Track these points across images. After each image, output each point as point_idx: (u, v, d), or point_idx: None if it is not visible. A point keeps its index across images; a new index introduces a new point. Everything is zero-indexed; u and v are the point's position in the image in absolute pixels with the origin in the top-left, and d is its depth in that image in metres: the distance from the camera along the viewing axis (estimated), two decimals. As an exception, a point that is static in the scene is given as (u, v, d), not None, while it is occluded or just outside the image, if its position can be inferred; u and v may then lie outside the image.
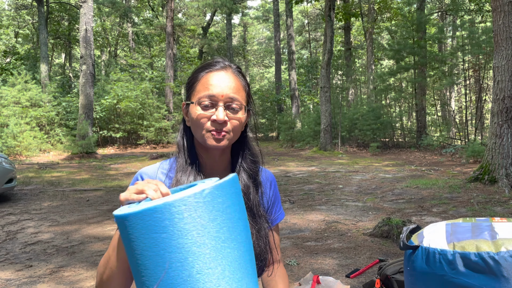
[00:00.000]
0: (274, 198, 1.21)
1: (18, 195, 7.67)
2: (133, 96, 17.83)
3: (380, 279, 2.20)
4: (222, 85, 1.02)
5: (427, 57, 18.09)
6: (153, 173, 1.08)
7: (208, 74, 1.05)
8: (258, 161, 1.16)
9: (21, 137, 14.47)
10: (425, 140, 16.50)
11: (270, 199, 1.19)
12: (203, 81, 1.04)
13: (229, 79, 1.04)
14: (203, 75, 1.05)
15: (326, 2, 15.77)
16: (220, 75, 1.04)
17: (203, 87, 1.03)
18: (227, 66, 1.07)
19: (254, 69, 42.81)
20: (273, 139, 24.06)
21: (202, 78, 1.05)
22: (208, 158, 1.10)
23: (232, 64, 1.09)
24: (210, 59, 1.10)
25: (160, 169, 1.10)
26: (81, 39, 14.54)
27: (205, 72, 1.05)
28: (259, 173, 1.16)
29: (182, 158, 1.08)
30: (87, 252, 4.41)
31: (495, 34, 7.70)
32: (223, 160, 1.12)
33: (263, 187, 1.17)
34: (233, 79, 1.05)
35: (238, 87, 1.05)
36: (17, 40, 28.32)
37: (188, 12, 24.74)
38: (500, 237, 0.98)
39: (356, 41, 29.13)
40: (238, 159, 1.13)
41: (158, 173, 1.09)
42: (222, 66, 1.06)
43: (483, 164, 7.97)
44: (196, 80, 1.06)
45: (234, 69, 1.08)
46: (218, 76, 1.04)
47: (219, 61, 1.08)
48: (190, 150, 1.10)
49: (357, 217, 5.78)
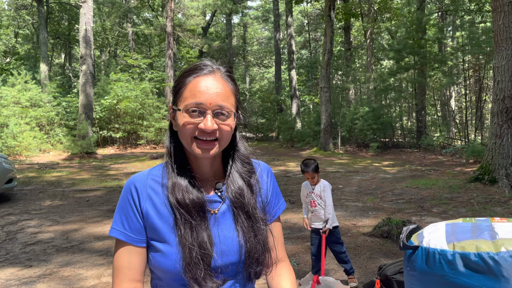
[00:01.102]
0: (272, 188, 1.17)
1: (18, 195, 7.67)
2: (133, 96, 17.83)
3: (380, 279, 2.19)
4: (210, 91, 0.98)
5: (427, 57, 18.09)
6: (143, 181, 1.05)
7: (195, 80, 1.00)
8: (249, 162, 1.13)
9: (21, 137, 14.47)
10: (425, 140, 16.50)
11: (268, 191, 1.15)
12: (191, 87, 0.99)
13: (218, 85, 1.00)
14: (190, 80, 1.00)
15: (326, 2, 15.77)
16: (208, 80, 0.99)
17: (190, 93, 0.99)
18: (215, 70, 1.02)
19: (254, 69, 42.81)
20: (273, 139, 24.06)
21: (189, 83, 1.00)
22: (198, 162, 1.07)
23: (221, 67, 1.04)
24: (198, 62, 1.05)
25: (150, 177, 1.06)
26: (81, 39, 14.54)
27: (193, 77, 1.00)
28: (252, 174, 1.12)
29: (174, 164, 1.06)
30: (87, 252, 4.41)
31: (495, 34, 7.70)
32: (214, 164, 1.09)
33: (260, 183, 1.13)
34: (222, 84, 1.01)
35: (227, 93, 1.01)
36: (17, 40, 28.32)
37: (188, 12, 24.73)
38: (500, 237, 0.97)
39: (356, 41, 29.14)
40: (229, 162, 1.10)
41: (148, 180, 1.05)
42: (210, 70, 1.01)
43: (483, 164, 7.97)
44: (183, 85, 1.01)
45: (223, 73, 1.03)
46: (206, 82, 0.99)
47: (207, 64, 1.03)
48: (179, 155, 1.07)
49: (357, 217, 5.78)
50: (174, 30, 21.18)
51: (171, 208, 1.02)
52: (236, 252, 1.03)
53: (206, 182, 1.08)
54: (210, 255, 0.99)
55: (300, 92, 25.53)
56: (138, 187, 1.04)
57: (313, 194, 3.48)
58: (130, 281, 1.01)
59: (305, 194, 3.54)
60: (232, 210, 1.06)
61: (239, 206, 1.06)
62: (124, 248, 1.02)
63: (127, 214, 1.03)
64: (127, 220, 1.03)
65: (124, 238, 1.02)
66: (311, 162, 3.45)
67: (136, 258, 1.02)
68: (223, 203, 1.06)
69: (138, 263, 1.03)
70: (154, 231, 1.01)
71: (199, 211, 1.02)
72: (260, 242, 1.06)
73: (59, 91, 19.12)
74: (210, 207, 1.05)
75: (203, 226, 1.01)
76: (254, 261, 1.05)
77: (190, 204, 1.00)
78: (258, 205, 1.10)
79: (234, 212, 1.06)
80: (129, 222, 1.03)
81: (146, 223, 1.02)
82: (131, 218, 1.03)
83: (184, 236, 0.98)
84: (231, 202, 1.06)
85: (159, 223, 1.01)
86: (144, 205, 1.03)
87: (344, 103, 21.43)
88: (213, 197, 1.06)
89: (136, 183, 1.05)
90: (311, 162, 3.45)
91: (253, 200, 1.08)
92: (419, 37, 17.69)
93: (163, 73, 21.77)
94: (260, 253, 1.06)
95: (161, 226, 1.01)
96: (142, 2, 27.04)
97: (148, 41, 30.20)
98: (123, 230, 1.02)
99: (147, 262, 1.06)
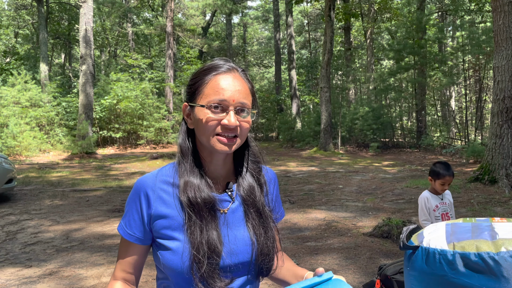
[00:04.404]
0: (276, 197, 1.22)
1: (18, 195, 7.67)
2: (133, 96, 17.82)
3: (380, 279, 2.19)
4: (232, 89, 1.02)
5: (427, 57, 18.09)
6: (152, 183, 1.07)
7: (216, 77, 1.03)
8: (259, 161, 1.16)
9: (21, 137, 14.46)
10: (425, 140, 16.50)
11: (273, 198, 1.20)
12: (212, 85, 1.02)
13: (239, 83, 1.04)
14: (210, 78, 1.03)
15: (326, 2, 15.77)
16: (229, 78, 1.03)
17: (212, 90, 1.02)
18: (233, 68, 1.06)
19: (254, 69, 42.83)
20: (273, 139, 24.07)
21: (210, 81, 1.03)
22: (211, 161, 1.09)
23: (237, 66, 1.08)
24: (212, 61, 1.08)
25: (159, 178, 1.08)
26: (81, 39, 14.54)
27: (212, 75, 1.03)
28: (261, 172, 1.16)
29: (187, 162, 1.08)
30: (87, 252, 4.41)
31: (495, 34, 7.69)
32: (226, 162, 1.11)
33: (267, 186, 1.17)
34: (242, 83, 1.05)
35: (246, 91, 1.05)
36: (17, 40, 28.33)
37: (188, 12, 24.74)
38: (500, 237, 0.97)
39: (356, 41, 29.13)
40: (242, 161, 1.14)
41: (157, 181, 1.07)
42: (228, 68, 1.05)
43: (483, 164, 7.97)
44: (202, 83, 1.04)
45: (240, 72, 1.07)
46: (227, 80, 1.03)
47: (222, 63, 1.06)
48: (194, 154, 1.09)
49: (357, 217, 5.78)
50: (174, 30, 21.19)
51: (181, 207, 1.04)
52: (247, 252, 1.06)
53: (218, 181, 1.10)
54: (219, 253, 1.01)
55: (300, 92, 25.53)
56: (146, 192, 1.07)
57: (444, 205, 2.93)
58: (123, 271, 1.10)
59: (432, 207, 2.93)
60: (243, 208, 1.09)
61: (250, 204, 1.09)
62: (125, 242, 1.10)
63: (131, 215, 1.08)
64: (130, 220, 1.08)
65: (124, 235, 1.09)
66: (448, 164, 2.93)
67: (131, 253, 1.09)
68: (233, 202, 1.09)
69: (132, 258, 1.10)
70: (165, 230, 1.04)
71: (209, 210, 1.04)
72: (270, 238, 1.10)
73: (59, 91, 19.12)
74: (220, 206, 1.07)
75: (213, 224, 1.03)
76: (266, 257, 1.08)
77: (202, 203, 1.03)
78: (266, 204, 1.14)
79: (245, 209, 1.09)
80: (131, 222, 1.08)
81: (155, 225, 1.05)
82: (135, 219, 1.07)
83: (194, 234, 1.01)
84: (242, 200, 1.10)
85: (170, 221, 1.04)
86: (153, 208, 1.05)
87: (344, 103, 21.43)
88: (223, 197, 1.09)
89: (146, 187, 1.07)
90: (448, 164, 2.94)
91: (263, 199, 1.12)
92: (419, 37, 17.69)
93: (163, 73, 21.77)
94: (270, 249, 1.09)
95: (172, 225, 1.04)
96: (142, 2, 27.04)
97: (148, 41, 30.21)
98: (125, 228, 1.09)
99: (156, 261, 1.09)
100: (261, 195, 1.12)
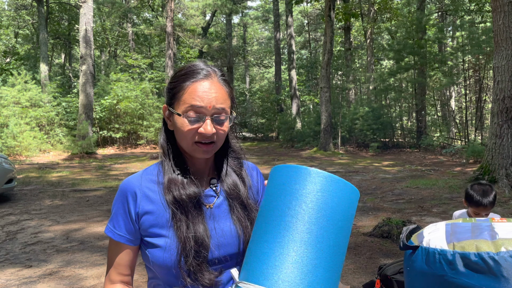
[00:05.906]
0: (261, 187, 1.23)
1: (18, 195, 7.67)
2: (133, 96, 17.82)
3: (380, 279, 2.19)
4: (209, 96, 1.02)
5: (427, 57, 18.08)
6: (138, 182, 1.09)
7: (194, 85, 1.03)
8: (240, 157, 1.20)
9: (21, 137, 14.45)
10: (425, 140, 16.50)
11: (258, 189, 1.22)
12: (190, 91, 1.03)
13: (215, 89, 1.04)
14: (188, 85, 1.04)
15: (326, 2, 15.77)
16: (206, 85, 1.03)
17: (189, 97, 1.03)
18: (211, 73, 1.06)
19: (254, 69, 42.80)
20: (273, 139, 24.06)
21: (187, 88, 1.04)
22: (193, 160, 1.12)
23: (216, 69, 1.08)
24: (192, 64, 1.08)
25: (144, 177, 1.10)
26: (81, 39, 14.54)
27: (190, 82, 1.04)
28: (243, 167, 1.19)
29: (170, 161, 1.10)
30: (87, 252, 4.41)
31: (495, 34, 7.69)
32: (208, 161, 1.15)
33: (250, 179, 1.20)
34: (219, 88, 1.05)
35: (224, 97, 1.06)
36: (17, 40, 28.31)
37: (188, 12, 24.72)
38: (500, 237, 0.98)
39: (356, 41, 29.12)
40: (222, 159, 1.17)
41: (143, 181, 1.09)
42: (206, 74, 1.05)
43: (483, 164, 7.97)
44: (180, 89, 1.05)
45: (219, 77, 1.07)
46: (204, 87, 1.03)
47: (202, 67, 1.06)
48: (174, 153, 1.12)
49: (357, 217, 5.78)
50: (174, 30, 21.18)
51: (167, 204, 1.06)
52: (235, 244, 1.08)
53: (201, 177, 1.13)
54: (207, 247, 1.03)
55: (300, 92, 25.52)
56: (133, 191, 1.08)
57: None
58: (119, 274, 1.11)
59: None
60: (227, 202, 1.12)
61: (234, 197, 1.12)
62: (115, 244, 1.10)
63: (119, 215, 1.09)
64: (118, 221, 1.09)
65: (113, 237, 1.09)
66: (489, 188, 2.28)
67: (123, 255, 1.10)
68: (218, 197, 1.11)
69: (124, 260, 1.10)
70: (152, 228, 1.06)
71: (195, 205, 1.06)
72: None
73: (59, 91, 19.10)
74: (206, 201, 1.10)
75: (199, 219, 1.05)
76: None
77: (187, 199, 1.05)
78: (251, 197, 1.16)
79: (230, 203, 1.11)
80: (120, 223, 1.08)
81: (143, 223, 1.07)
82: (124, 219, 1.08)
83: (181, 230, 1.03)
84: (227, 194, 1.12)
85: (157, 219, 1.06)
86: (140, 207, 1.07)
87: (344, 103, 21.43)
88: (208, 192, 1.12)
89: (131, 187, 1.09)
90: (488, 187, 2.28)
91: (246, 192, 1.15)
92: (419, 37, 17.68)
93: (163, 73, 21.76)
94: None
95: (158, 222, 1.05)
96: (142, 2, 27.02)
97: (148, 41, 30.18)
98: (113, 230, 1.09)
99: (145, 260, 1.10)
100: (245, 189, 1.15)
